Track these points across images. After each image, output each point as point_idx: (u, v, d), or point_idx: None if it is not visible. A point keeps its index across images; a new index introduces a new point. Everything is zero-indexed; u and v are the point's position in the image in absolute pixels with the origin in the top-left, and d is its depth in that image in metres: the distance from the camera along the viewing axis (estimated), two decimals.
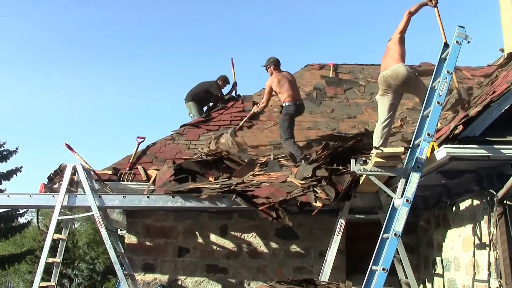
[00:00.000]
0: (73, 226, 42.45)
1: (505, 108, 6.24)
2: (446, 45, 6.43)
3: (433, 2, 7.95)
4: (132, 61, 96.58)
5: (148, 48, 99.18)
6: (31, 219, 34.65)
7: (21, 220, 33.14)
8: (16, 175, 31.08)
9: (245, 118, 10.70)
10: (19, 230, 32.78)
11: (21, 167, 31.34)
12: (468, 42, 6.34)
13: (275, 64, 10.09)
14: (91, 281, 36.72)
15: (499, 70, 9.14)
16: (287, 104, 9.61)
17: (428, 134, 5.97)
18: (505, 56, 9.87)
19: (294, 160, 8.98)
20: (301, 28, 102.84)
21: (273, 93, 9.89)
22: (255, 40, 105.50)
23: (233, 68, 12.42)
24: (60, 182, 8.29)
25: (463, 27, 6.29)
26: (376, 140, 7.69)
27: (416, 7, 7.99)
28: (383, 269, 5.52)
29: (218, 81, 12.11)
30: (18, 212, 31.38)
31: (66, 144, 9.41)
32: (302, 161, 8.71)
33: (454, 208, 7.53)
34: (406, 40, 8.07)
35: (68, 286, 39.24)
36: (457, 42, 6.22)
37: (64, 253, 8.84)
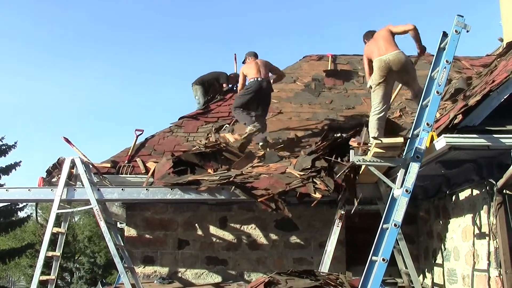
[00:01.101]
0: (73, 220, 42.53)
1: (505, 97, 6.22)
2: (445, 35, 6.40)
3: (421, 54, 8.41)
4: (131, 54, 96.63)
5: (147, 42, 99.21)
6: (31, 213, 34.77)
7: (21, 214, 33.24)
8: (15, 170, 31.17)
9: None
10: (19, 225, 32.85)
11: (20, 161, 31.42)
12: (467, 31, 6.32)
13: (251, 55, 10.40)
14: (92, 274, 36.85)
15: (498, 59, 9.11)
16: (249, 81, 9.87)
17: (427, 124, 5.96)
18: (504, 46, 9.83)
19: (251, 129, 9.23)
20: (300, 19, 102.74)
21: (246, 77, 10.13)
22: (256, 35, 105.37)
23: (236, 63, 12.38)
24: (59, 176, 8.25)
25: (462, 16, 6.27)
26: (373, 131, 7.65)
27: (416, 38, 8.10)
28: (383, 260, 5.51)
29: (230, 74, 12.16)
30: (17, 207, 31.47)
31: (64, 137, 9.38)
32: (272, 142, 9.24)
33: (453, 198, 7.52)
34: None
35: (69, 280, 39.33)
36: (456, 31, 6.20)
37: (64, 247, 8.84)
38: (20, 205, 31.69)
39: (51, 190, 8.12)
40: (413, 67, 7.85)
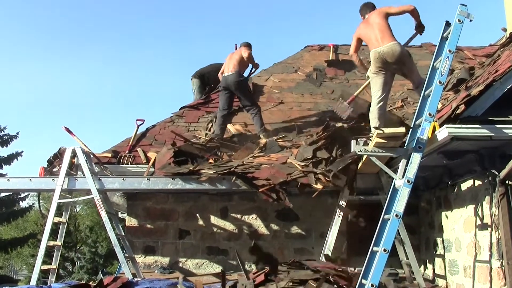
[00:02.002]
0: (75, 210, 42.62)
1: (508, 87, 6.18)
2: (447, 24, 6.34)
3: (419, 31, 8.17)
4: (133, 43, 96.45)
5: (148, 31, 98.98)
6: (33, 203, 34.82)
7: (23, 204, 33.35)
8: (17, 160, 31.26)
9: None
10: (21, 214, 32.99)
11: (22, 151, 31.46)
12: (470, 20, 6.26)
13: (241, 45, 10.23)
14: (93, 264, 36.92)
15: (502, 49, 9.04)
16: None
17: (430, 114, 5.91)
18: (508, 36, 9.77)
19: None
20: (302, 9, 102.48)
21: None
22: (258, 24, 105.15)
23: None
24: (60, 166, 8.25)
25: (465, 5, 6.22)
26: (373, 121, 7.60)
27: (415, 16, 7.96)
28: (384, 250, 5.49)
29: None
30: (19, 196, 31.55)
31: (65, 127, 9.36)
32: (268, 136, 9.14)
33: (455, 188, 7.49)
34: (405, 19, 8.05)
35: (71, 269, 39.43)
36: (459, 20, 6.14)
37: (66, 237, 8.87)
38: (22, 195, 31.77)
39: (52, 180, 8.14)
40: (409, 58, 7.76)
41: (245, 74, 10.16)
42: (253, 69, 10.61)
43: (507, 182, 6.20)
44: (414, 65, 7.84)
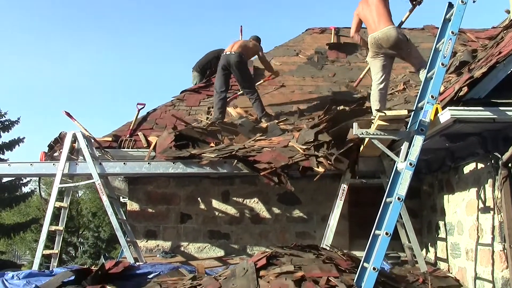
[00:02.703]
0: (77, 195, 42.71)
1: (511, 69, 6.12)
2: (450, 5, 6.27)
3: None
4: (133, 27, 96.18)
5: (149, 15, 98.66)
6: (35, 188, 34.94)
7: (25, 189, 33.41)
8: (19, 145, 31.34)
9: None
10: (23, 199, 33.11)
11: (23, 137, 31.48)
12: (474, 1, 6.21)
13: (252, 38, 10.49)
14: (96, 248, 37.09)
15: (505, 31, 8.97)
16: None
17: (432, 97, 5.86)
18: (511, 18, 9.71)
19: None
20: None
21: None
22: (260, 6, 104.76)
23: (242, 35, 12.21)
24: (61, 150, 8.24)
25: None
26: (374, 104, 7.58)
27: None
28: (386, 234, 5.47)
29: None
30: (21, 182, 31.61)
31: (65, 111, 9.33)
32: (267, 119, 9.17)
33: (458, 171, 7.46)
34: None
35: (74, 254, 39.62)
36: (462, 1, 6.06)
37: (68, 222, 8.90)
38: (24, 180, 31.85)
39: (53, 164, 8.12)
40: (407, 42, 7.70)
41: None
42: (272, 76, 10.74)
43: (510, 165, 6.15)
44: (414, 48, 7.79)
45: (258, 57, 10.32)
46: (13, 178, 29.50)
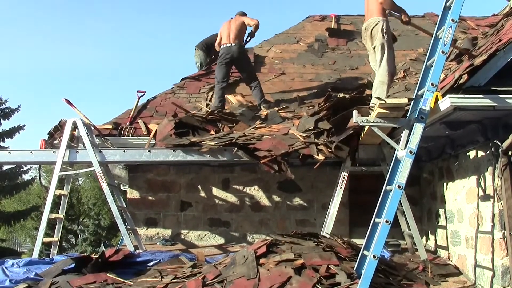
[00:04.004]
0: (77, 183, 42.74)
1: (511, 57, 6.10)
2: None
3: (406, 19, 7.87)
4: (132, 15, 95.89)
5: (150, 2, 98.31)
6: (35, 176, 34.93)
7: (26, 177, 33.44)
8: (19, 133, 31.29)
9: None
10: (24, 187, 33.14)
11: (24, 125, 31.44)
12: None
13: (238, 13, 10.31)
14: (96, 236, 37.19)
15: (505, 19, 8.93)
16: (220, 48, 9.84)
17: (432, 84, 5.83)
18: (511, 6, 9.66)
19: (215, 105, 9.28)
20: None
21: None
22: None
23: None
24: (61, 138, 8.25)
25: None
26: (376, 91, 7.58)
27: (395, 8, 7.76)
28: (386, 221, 5.47)
29: None
30: (22, 169, 31.61)
31: (65, 99, 9.31)
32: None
33: (458, 159, 7.46)
34: None
35: (74, 242, 39.73)
36: None
37: (69, 210, 8.93)
38: (25, 168, 31.85)
39: (53, 152, 8.13)
40: (379, 32, 7.60)
41: None
42: (249, 38, 10.53)
43: (510, 152, 6.14)
44: (387, 47, 7.66)
45: (250, 26, 10.13)
46: (13, 166, 29.50)
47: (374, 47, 7.72)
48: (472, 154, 6.98)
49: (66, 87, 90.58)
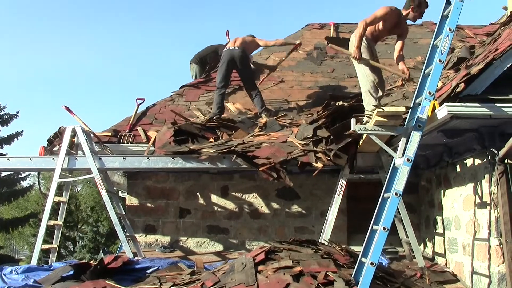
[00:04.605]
0: (76, 189, 42.70)
1: (508, 65, 6.14)
2: (448, 2, 6.30)
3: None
4: (133, 22, 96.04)
5: (149, 10, 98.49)
6: (34, 183, 34.95)
7: (24, 183, 33.46)
8: (17, 139, 31.38)
9: None
10: (22, 194, 33.16)
11: (22, 131, 31.52)
12: None
13: (249, 35, 10.37)
14: (95, 243, 37.06)
15: (502, 28, 8.99)
16: (223, 51, 9.90)
17: (429, 93, 5.89)
18: (508, 14, 9.73)
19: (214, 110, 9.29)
20: None
21: None
22: (259, 1, 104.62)
23: (229, 39, 12.15)
24: (60, 145, 8.27)
25: None
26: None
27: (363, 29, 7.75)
28: (384, 229, 5.50)
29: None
30: (20, 176, 31.63)
31: (65, 106, 9.36)
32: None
33: (455, 167, 7.50)
34: None
35: (72, 249, 39.63)
36: None
37: (67, 216, 8.95)
38: (23, 175, 31.89)
39: (53, 159, 8.15)
40: (357, 49, 7.68)
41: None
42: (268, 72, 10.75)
43: (506, 160, 6.20)
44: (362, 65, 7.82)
45: (261, 46, 10.39)
46: (12, 173, 29.52)
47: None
48: (469, 162, 7.03)
49: (66, 94, 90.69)
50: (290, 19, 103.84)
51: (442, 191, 7.97)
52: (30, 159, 8.22)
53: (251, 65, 10.19)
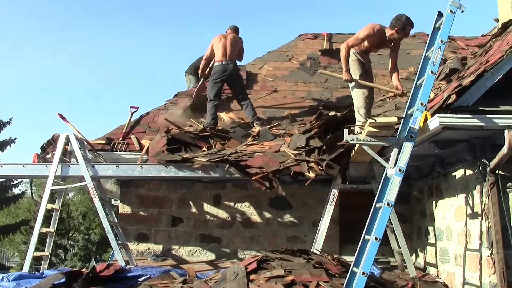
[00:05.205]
0: (67, 197, 42.52)
1: (499, 77, 6.20)
2: (440, 14, 6.35)
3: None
4: (126, 30, 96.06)
5: (142, 18, 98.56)
6: (25, 190, 34.78)
7: (16, 190, 33.35)
8: (10, 146, 31.24)
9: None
10: (14, 201, 33.03)
11: (15, 138, 31.40)
12: (462, 11, 6.26)
13: (231, 28, 10.34)
14: (86, 251, 36.90)
15: (493, 40, 9.09)
16: (215, 65, 9.75)
17: (421, 104, 5.94)
18: (500, 26, 9.83)
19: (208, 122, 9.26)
20: None
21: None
22: (252, 11, 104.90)
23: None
24: (53, 152, 8.26)
25: None
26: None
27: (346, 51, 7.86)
28: (376, 239, 5.53)
29: None
30: (12, 183, 31.50)
31: (59, 114, 9.34)
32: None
33: (447, 177, 7.55)
34: (398, 9, 8.05)
35: (63, 256, 39.43)
36: (451, 11, 6.14)
37: (59, 224, 8.89)
38: (15, 182, 31.77)
39: (46, 166, 8.15)
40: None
41: None
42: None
43: (497, 171, 6.25)
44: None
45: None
46: (3, 180, 29.43)
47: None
48: (460, 172, 7.07)
49: (59, 101, 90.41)
50: (284, 29, 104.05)
51: (434, 201, 8.01)
52: (23, 166, 8.21)
53: (241, 75, 10.22)
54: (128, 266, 7.60)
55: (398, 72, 8.06)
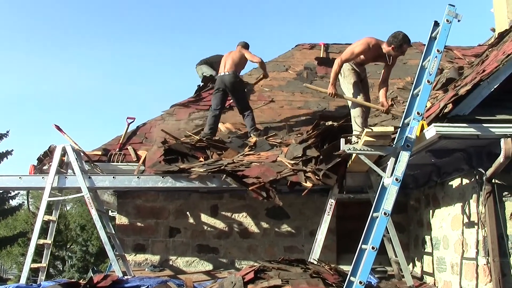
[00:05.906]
0: (65, 208, 42.48)
1: (495, 87, 6.23)
2: (436, 24, 6.38)
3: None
4: (122, 42, 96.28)
5: (140, 29, 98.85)
6: (23, 202, 34.84)
7: (13, 202, 33.30)
8: (7, 158, 31.16)
9: None
10: (11, 213, 32.97)
11: (12, 150, 31.33)
12: (459, 20, 6.30)
13: (239, 44, 10.36)
14: (84, 262, 36.83)
15: (490, 49, 9.12)
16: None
17: (418, 113, 5.96)
18: (496, 36, 9.86)
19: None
20: (293, 7, 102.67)
21: None
22: (249, 22, 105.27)
23: None
24: (50, 164, 8.26)
25: (454, 6, 6.24)
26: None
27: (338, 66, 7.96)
28: (373, 248, 5.53)
29: None
30: (9, 195, 31.47)
31: (55, 125, 9.37)
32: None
33: (443, 187, 7.55)
34: (394, 19, 8.10)
35: (61, 268, 39.34)
36: (447, 20, 6.18)
37: (56, 235, 8.89)
38: (12, 194, 31.74)
39: (42, 178, 8.13)
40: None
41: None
42: (263, 79, 10.75)
43: (493, 180, 6.26)
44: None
45: (252, 62, 10.30)
46: (0, 191, 29.41)
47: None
48: (457, 181, 7.08)
49: (56, 113, 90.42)
50: (280, 40, 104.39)
51: (431, 210, 8.02)
52: (20, 177, 8.20)
53: (243, 85, 10.22)
54: (126, 277, 7.59)
55: (387, 88, 8.15)
